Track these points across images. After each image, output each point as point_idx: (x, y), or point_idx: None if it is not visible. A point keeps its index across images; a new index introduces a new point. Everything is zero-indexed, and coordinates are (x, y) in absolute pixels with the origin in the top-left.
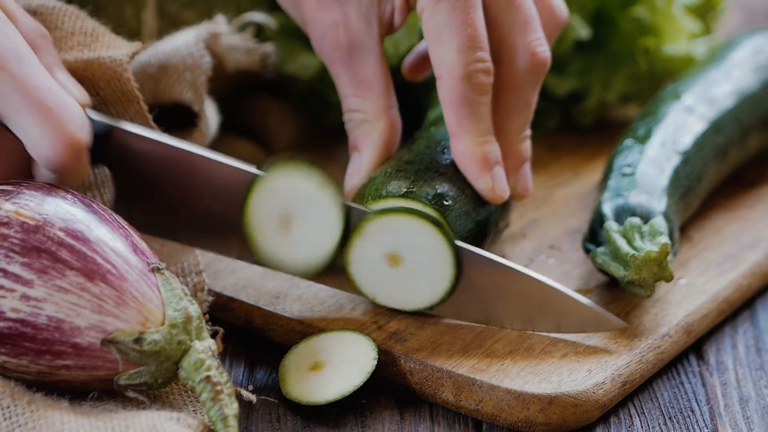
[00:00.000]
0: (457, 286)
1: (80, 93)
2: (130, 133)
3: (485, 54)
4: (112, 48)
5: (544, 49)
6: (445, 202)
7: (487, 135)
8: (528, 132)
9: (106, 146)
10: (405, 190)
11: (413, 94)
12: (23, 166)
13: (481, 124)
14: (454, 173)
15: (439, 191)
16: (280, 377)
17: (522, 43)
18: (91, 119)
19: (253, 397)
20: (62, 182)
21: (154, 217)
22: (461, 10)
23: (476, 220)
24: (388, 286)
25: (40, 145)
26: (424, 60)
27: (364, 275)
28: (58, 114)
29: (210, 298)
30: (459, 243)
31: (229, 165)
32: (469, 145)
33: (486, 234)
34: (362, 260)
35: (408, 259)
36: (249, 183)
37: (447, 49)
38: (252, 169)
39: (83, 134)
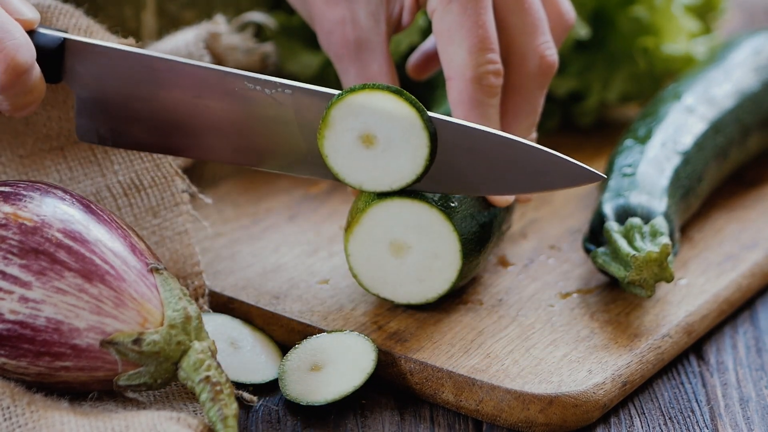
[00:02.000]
0: (434, 159)
1: (28, 10)
2: (85, 43)
3: (496, 56)
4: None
5: (552, 53)
6: (451, 204)
7: None
8: (534, 134)
9: (61, 61)
10: (410, 192)
11: (417, 94)
12: None
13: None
14: None
15: (442, 196)
16: (280, 377)
17: (531, 46)
18: (41, 35)
19: (253, 398)
20: (16, 103)
21: (120, 128)
22: (472, 12)
23: (480, 222)
24: (364, 168)
25: None
26: (429, 59)
27: (342, 162)
28: None
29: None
30: (431, 114)
31: (189, 64)
32: None
33: (490, 236)
34: (337, 146)
35: (381, 138)
36: (329, 102)
37: (458, 50)
38: (211, 65)
39: (22, 53)
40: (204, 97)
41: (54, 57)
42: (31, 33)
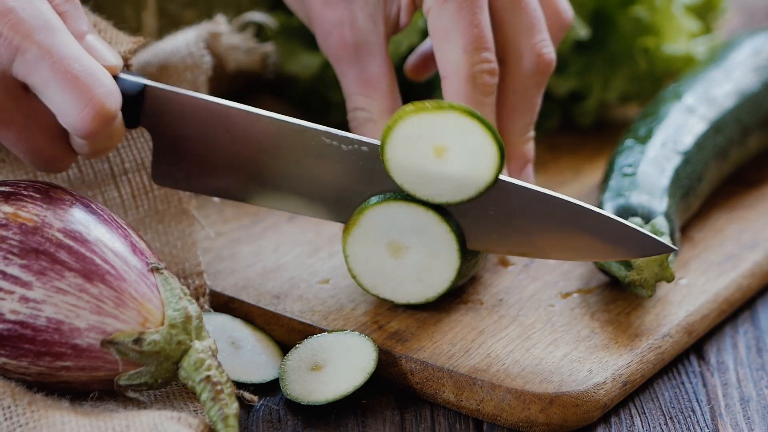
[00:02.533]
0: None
1: (112, 56)
2: (164, 90)
3: (491, 55)
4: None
5: (549, 51)
6: (445, 210)
7: None
8: (531, 133)
9: (141, 107)
10: (406, 195)
11: (415, 94)
12: (60, 135)
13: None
14: None
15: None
16: (281, 377)
17: (528, 44)
18: (123, 81)
19: (254, 398)
20: (97, 148)
21: (195, 174)
22: (468, 11)
23: None
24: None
25: (68, 114)
26: (427, 60)
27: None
28: (85, 82)
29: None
30: (507, 180)
31: (266, 116)
32: None
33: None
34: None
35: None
36: (393, 117)
37: (453, 49)
38: (287, 118)
39: (112, 101)
40: (281, 149)
41: (133, 102)
42: (115, 79)
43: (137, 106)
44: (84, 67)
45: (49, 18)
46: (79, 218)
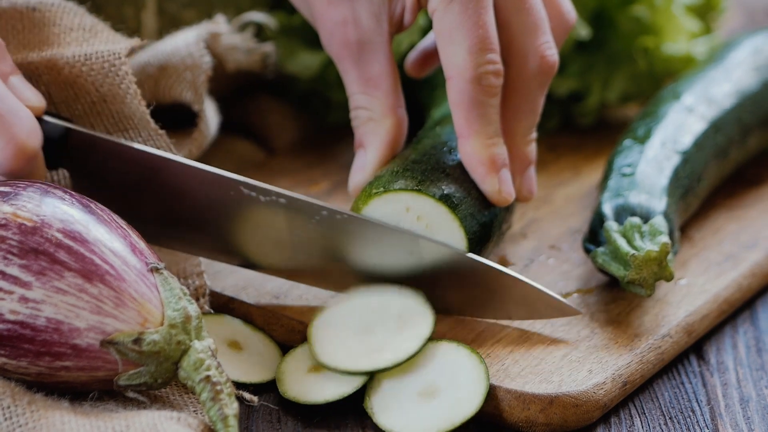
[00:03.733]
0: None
1: (35, 97)
2: (86, 134)
3: (496, 56)
4: (110, 43)
5: (553, 53)
6: (453, 202)
7: (495, 137)
8: (534, 135)
9: (63, 149)
10: (415, 183)
11: (416, 93)
12: None
13: (489, 126)
14: (460, 174)
15: (446, 192)
16: (280, 377)
17: (531, 46)
18: (45, 123)
19: (253, 398)
20: None
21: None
22: (473, 12)
23: (481, 222)
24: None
25: None
26: (428, 57)
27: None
28: (6, 120)
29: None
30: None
31: (189, 165)
32: (477, 147)
33: (490, 236)
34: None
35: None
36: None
37: (458, 50)
38: (209, 168)
39: (33, 140)
40: (199, 197)
41: (56, 144)
42: (38, 120)
43: (59, 148)
44: (5, 106)
45: None
46: (78, 218)
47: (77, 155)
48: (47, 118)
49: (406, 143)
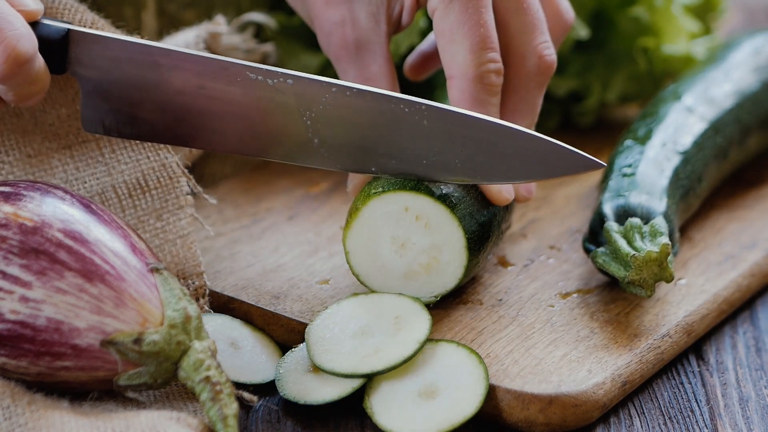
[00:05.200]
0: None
1: (32, 1)
2: (88, 34)
3: (497, 55)
4: None
5: (550, 52)
6: (452, 202)
7: None
8: None
9: (66, 52)
10: (413, 184)
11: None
12: None
13: None
14: None
15: (444, 191)
16: (280, 378)
17: (529, 45)
18: (45, 26)
19: (253, 398)
20: (20, 93)
21: (125, 118)
22: (474, 11)
23: (480, 222)
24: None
25: None
26: (427, 60)
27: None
28: None
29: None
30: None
31: (191, 54)
32: None
33: (489, 235)
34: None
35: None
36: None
37: (459, 49)
38: (213, 56)
39: (23, 43)
40: (207, 87)
41: (58, 48)
42: (35, 24)
43: (63, 51)
44: None
45: None
46: (78, 218)
47: (81, 57)
48: (46, 21)
49: None
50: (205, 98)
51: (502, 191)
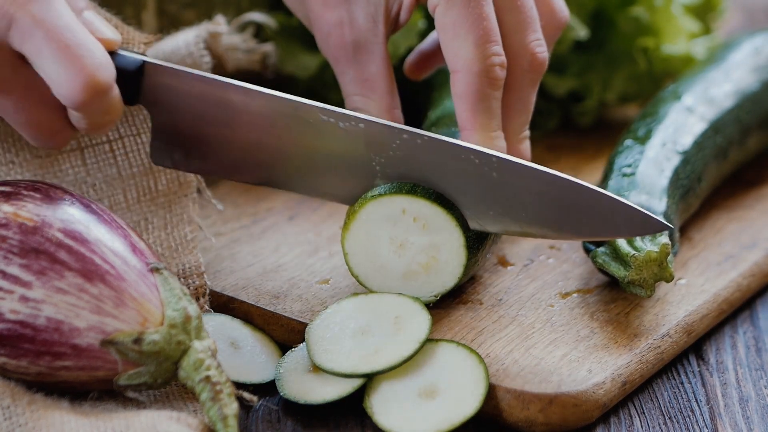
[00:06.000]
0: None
1: (110, 31)
2: (163, 67)
3: (500, 48)
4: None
5: (542, 50)
6: (448, 203)
7: (498, 130)
8: (527, 132)
9: (140, 84)
10: (409, 187)
11: (412, 95)
12: (57, 107)
13: (492, 120)
14: None
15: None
16: (280, 377)
17: (522, 43)
18: (121, 57)
19: (253, 398)
20: (94, 122)
21: (193, 154)
22: (476, 5)
23: None
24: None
25: (60, 84)
26: (427, 59)
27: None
28: (76, 52)
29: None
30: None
31: (262, 92)
32: (481, 140)
33: (488, 235)
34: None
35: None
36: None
37: (463, 44)
38: (286, 95)
39: (103, 72)
40: (278, 127)
41: (132, 79)
42: (112, 54)
43: (136, 82)
44: (77, 38)
45: None
46: (79, 218)
47: (154, 90)
48: (122, 52)
49: None
50: (275, 137)
51: None
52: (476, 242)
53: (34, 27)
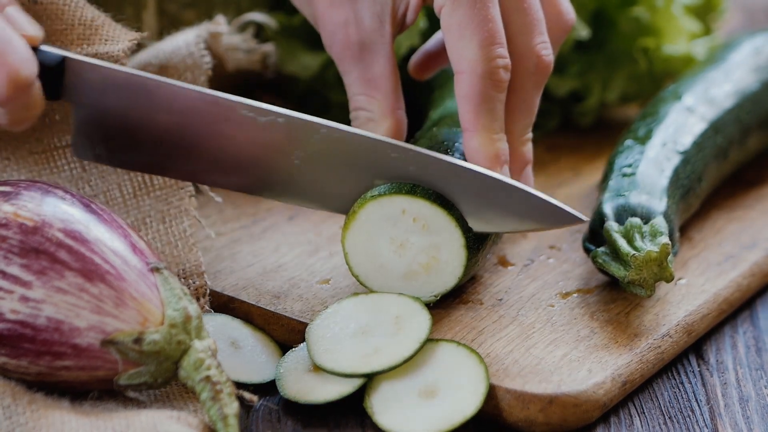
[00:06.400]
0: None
1: (32, 27)
2: (85, 63)
3: (505, 50)
4: (110, 42)
5: (548, 53)
6: (447, 203)
7: (500, 132)
8: (530, 134)
9: (62, 79)
10: (409, 187)
11: (415, 95)
12: None
13: (495, 122)
14: None
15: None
16: (280, 377)
17: (528, 45)
18: (43, 53)
19: (253, 398)
20: (16, 117)
21: (116, 148)
22: (482, 6)
23: None
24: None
25: None
26: (431, 59)
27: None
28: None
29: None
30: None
31: (183, 87)
32: (484, 142)
33: (488, 235)
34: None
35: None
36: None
37: (468, 45)
38: (205, 90)
39: (27, 68)
40: (196, 122)
41: (54, 74)
42: (35, 50)
43: (58, 78)
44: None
45: None
46: (79, 218)
47: (75, 85)
48: (44, 47)
49: None
50: (193, 132)
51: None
52: (476, 242)
53: None
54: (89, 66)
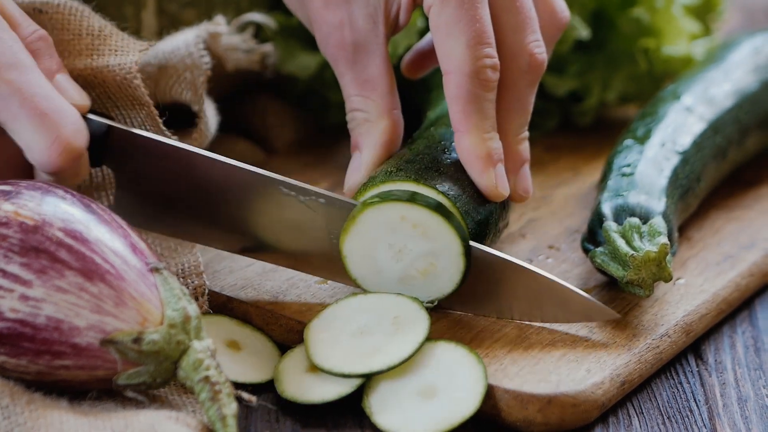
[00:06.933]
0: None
1: (80, 96)
2: (129, 132)
3: (493, 50)
4: (120, 53)
5: (541, 51)
6: (448, 212)
7: (492, 131)
8: (526, 133)
9: (106, 146)
10: (408, 195)
11: (412, 95)
12: (24, 168)
13: (486, 121)
14: (454, 173)
15: (440, 190)
16: (279, 377)
17: (520, 44)
18: (89, 121)
19: (252, 398)
20: (61, 183)
21: (155, 214)
22: (470, 6)
23: (476, 220)
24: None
25: (36, 150)
26: (424, 58)
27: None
28: (53, 119)
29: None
30: (473, 244)
31: (224, 162)
32: (475, 141)
33: (486, 233)
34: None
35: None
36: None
37: (456, 45)
38: (248, 167)
39: (79, 139)
40: (239, 197)
41: (99, 142)
42: (83, 118)
43: (102, 145)
44: (53, 105)
45: (20, 56)
46: (79, 217)
47: (118, 153)
48: (90, 116)
49: (401, 144)
50: (233, 206)
51: (498, 186)
52: (475, 241)
53: (11, 95)
54: (133, 135)
